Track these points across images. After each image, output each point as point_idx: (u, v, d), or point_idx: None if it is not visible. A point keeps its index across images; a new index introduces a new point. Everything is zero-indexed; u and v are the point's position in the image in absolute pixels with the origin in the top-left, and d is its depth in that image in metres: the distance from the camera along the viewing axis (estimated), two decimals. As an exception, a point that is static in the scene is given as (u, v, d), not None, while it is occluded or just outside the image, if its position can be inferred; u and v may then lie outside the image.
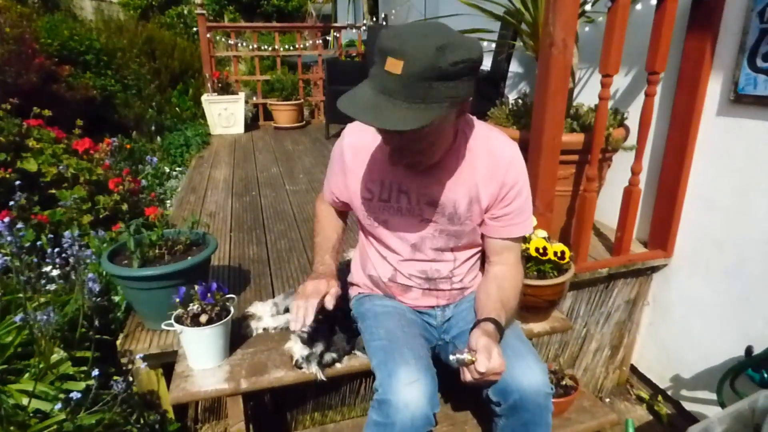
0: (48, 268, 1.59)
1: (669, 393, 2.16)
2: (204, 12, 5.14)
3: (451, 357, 1.03)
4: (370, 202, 1.26)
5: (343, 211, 1.46)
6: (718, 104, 1.82)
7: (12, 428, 1.16)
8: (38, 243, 1.80)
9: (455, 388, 1.08)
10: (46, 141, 2.28)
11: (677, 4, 1.71)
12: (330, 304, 1.22)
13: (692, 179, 1.95)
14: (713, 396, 1.83)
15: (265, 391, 1.52)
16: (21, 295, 1.42)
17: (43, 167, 2.18)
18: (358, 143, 1.24)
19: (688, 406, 2.06)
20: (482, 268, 1.37)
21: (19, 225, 1.64)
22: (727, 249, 1.87)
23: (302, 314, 1.18)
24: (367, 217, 1.28)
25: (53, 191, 2.16)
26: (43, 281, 1.58)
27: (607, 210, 2.24)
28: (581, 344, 2.22)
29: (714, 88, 1.82)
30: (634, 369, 2.36)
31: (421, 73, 0.90)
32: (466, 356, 1.02)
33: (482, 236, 1.28)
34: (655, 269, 2.16)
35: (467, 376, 1.03)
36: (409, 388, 1.04)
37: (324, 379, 1.37)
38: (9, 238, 1.39)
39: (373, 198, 1.25)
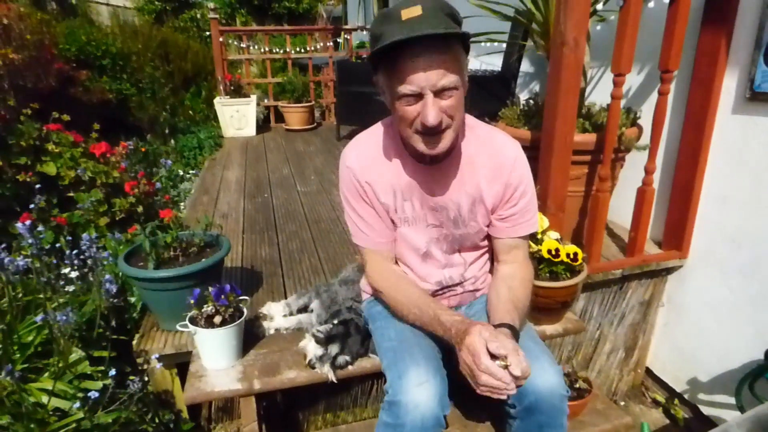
0: (67, 270, 1.62)
1: (686, 396, 2.13)
2: (217, 16, 5.20)
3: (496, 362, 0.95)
4: (389, 214, 1.24)
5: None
6: (733, 102, 1.79)
7: (32, 426, 1.18)
8: (57, 244, 1.84)
9: (466, 389, 1.07)
10: (65, 145, 2.33)
11: (691, 1, 1.69)
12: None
13: (707, 178, 1.93)
14: (731, 400, 1.80)
15: (277, 392, 1.53)
16: (41, 295, 1.45)
17: (62, 170, 2.22)
18: (359, 154, 1.21)
19: (706, 410, 2.03)
20: (491, 267, 1.36)
21: (40, 228, 1.68)
22: (743, 248, 1.84)
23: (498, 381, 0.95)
24: None
25: (71, 194, 2.20)
26: (61, 282, 1.61)
27: (620, 210, 2.22)
28: (595, 346, 2.20)
29: (729, 86, 1.79)
30: (649, 371, 2.33)
31: (439, 8, 0.98)
32: (498, 363, 0.94)
33: (489, 237, 1.28)
34: (670, 270, 2.14)
35: None
36: (419, 389, 1.04)
37: (335, 380, 1.38)
38: (30, 240, 1.43)
39: (389, 210, 1.22)
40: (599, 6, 1.93)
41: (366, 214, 1.22)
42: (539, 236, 1.61)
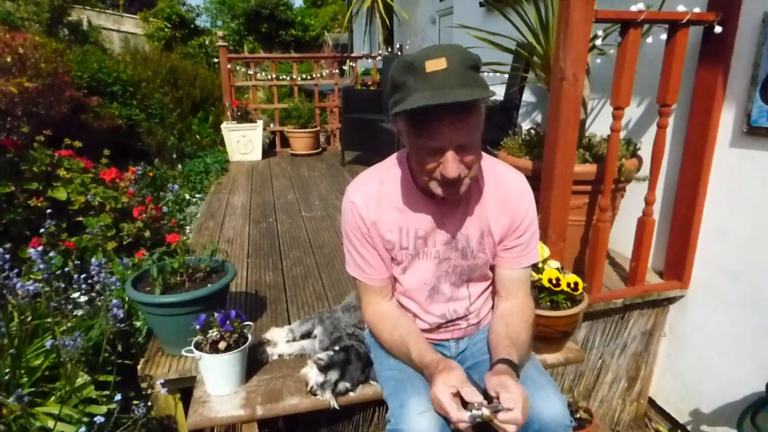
0: (76, 294, 1.65)
1: (688, 428, 2.10)
2: (225, 44, 5.34)
3: (468, 414, 0.96)
4: (391, 252, 1.23)
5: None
6: (731, 136, 1.83)
7: (37, 451, 1.19)
8: (65, 269, 1.87)
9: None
10: (75, 171, 2.38)
11: (687, 39, 1.75)
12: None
13: (707, 210, 1.95)
14: None
15: (279, 418, 1.53)
16: (49, 320, 1.48)
17: (72, 196, 2.27)
18: (365, 193, 1.20)
19: (709, 442, 2.01)
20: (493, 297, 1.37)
21: (51, 254, 1.71)
22: (743, 280, 1.86)
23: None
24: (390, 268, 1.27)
25: (80, 218, 2.24)
26: (69, 306, 1.63)
27: (621, 239, 2.24)
28: (597, 375, 2.19)
29: (727, 120, 1.83)
30: (652, 402, 2.31)
31: (463, 62, 0.97)
32: (483, 411, 0.94)
33: (492, 267, 1.29)
34: (671, 300, 2.14)
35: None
36: (420, 418, 1.05)
37: (337, 407, 1.38)
38: (42, 266, 1.46)
39: (393, 248, 1.22)
40: (598, 42, 1.99)
41: (366, 253, 1.22)
42: (540, 265, 1.63)
